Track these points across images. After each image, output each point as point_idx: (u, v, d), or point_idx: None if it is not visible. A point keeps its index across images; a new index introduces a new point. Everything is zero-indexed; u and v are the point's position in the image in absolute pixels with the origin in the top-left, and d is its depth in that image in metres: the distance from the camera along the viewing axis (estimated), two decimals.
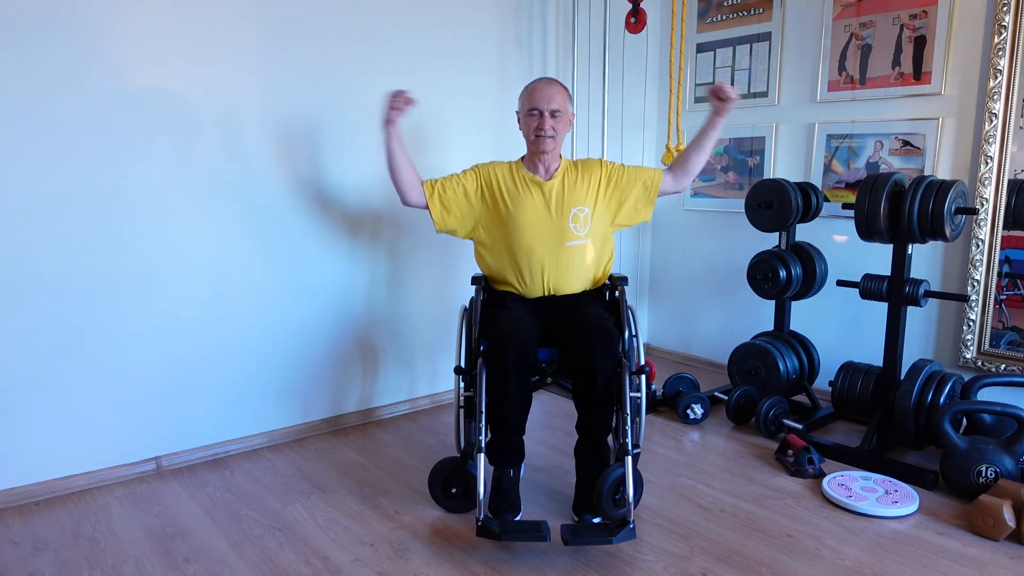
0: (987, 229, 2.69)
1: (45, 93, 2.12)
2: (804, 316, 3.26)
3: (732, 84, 3.49)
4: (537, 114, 2.26)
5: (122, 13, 2.21)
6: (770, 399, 2.77)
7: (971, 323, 2.77)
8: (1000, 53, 2.60)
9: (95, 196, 2.24)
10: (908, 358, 2.71)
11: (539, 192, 2.30)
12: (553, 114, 2.26)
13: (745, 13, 3.42)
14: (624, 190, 2.36)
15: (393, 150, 2.24)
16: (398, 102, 2.20)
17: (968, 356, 2.79)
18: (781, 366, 2.89)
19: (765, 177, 3.39)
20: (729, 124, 3.53)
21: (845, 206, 2.63)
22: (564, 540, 1.84)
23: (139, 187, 2.32)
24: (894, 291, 2.55)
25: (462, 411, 2.22)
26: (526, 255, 2.28)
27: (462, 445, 2.25)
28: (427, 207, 2.31)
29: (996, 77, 2.61)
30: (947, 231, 2.37)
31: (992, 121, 2.64)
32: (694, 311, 3.81)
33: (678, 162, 2.43)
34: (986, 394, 2.65)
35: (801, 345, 3.01)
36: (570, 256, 2.29)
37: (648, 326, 4.06)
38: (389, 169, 2.28)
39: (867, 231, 2.48)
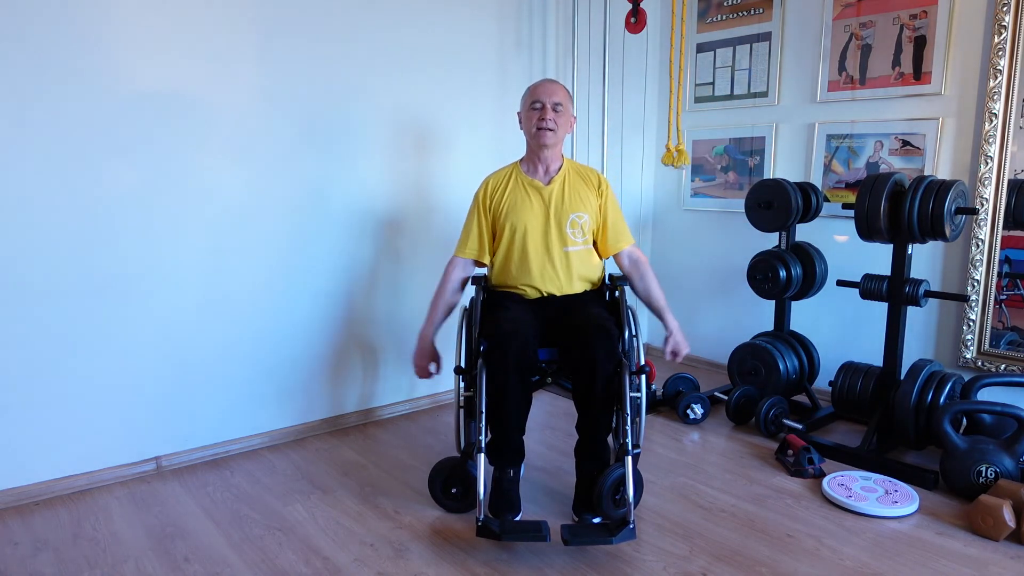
0: (987, 229, 2.69)
1: (41, 94, 2.12)
2: (804, 316, 3.25)
3: (732, 84, 3.51)
4: (540, 106, 2.25)
5: (119, 14, 2.21)
6: (770, 399, 2.77)
7: (971, 323, 2.77)
8: (1000, 53, 2.60)
9: (94, 197, 2.24)
10: (908, 358, 2.71)
11: (539, 198, 2.29)
12: (555, 107, 2.25)
13: (745, 13, 3.42)
14: (600, 226, 2.35)
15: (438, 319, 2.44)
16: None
17: (968, 356, 2.79)
18: (781, 366, 2.89)
19: (765, 177, 3.39)
20: (729, 124, 3.54)
21: (845, 206, 2.63)
22: (564, 540, 1.84)
23: (138, 187, 2.32)
24: (894, 291, 2.55)
25: (462, 411, 2.23)
26: (524, 260, 2.28)
27: (462, 445, 2.25)
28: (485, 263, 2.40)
29: (996, 77, 2.61)
30: (947, 231, 2.37)
31: (992, 121, 2.64)
32: (694, 311, 3.81)
33: (641, 284, 2.39)
34: (986, 394, 2.65)
35: (801, 345, 3.01)
36: (569, 261, 2.29)
37: (648, 326, 4.06)
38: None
39: (867, 231, 2.48)
